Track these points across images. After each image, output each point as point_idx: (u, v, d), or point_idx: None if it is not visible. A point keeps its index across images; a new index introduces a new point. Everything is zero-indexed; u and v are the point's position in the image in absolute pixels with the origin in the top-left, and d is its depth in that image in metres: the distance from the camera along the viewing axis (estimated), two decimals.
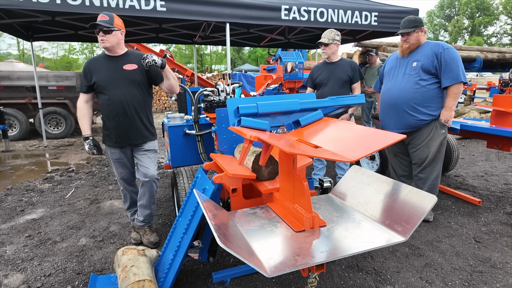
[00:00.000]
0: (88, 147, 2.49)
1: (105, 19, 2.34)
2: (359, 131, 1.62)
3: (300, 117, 1.97)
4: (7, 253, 2.61)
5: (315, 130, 1.86)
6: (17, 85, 7.32)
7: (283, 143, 1.53)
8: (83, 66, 2.47)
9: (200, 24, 6.59)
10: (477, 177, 4.31)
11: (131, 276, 1.79)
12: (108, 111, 2.46)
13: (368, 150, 1.35)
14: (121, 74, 2.44)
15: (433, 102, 2.74)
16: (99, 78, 2.42)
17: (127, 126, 2.49)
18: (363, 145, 1.43)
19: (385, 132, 1.52)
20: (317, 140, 1.63)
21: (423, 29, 2.77)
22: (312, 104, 2.05)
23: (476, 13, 45.82)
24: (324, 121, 1.95)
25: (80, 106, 2.50)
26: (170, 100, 6.63)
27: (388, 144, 1.39)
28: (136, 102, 2.49)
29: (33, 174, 4.88)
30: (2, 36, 30.28)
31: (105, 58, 2.47)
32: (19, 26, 5.97)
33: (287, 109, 2.00)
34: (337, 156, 1.32)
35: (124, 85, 2.44)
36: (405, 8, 5.64)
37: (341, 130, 1.73)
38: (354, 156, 1.29)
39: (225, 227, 1.51)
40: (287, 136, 1.83)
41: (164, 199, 3.72)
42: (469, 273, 2.27)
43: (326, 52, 3.46)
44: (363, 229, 1.58)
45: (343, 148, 1.42)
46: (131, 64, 2.47)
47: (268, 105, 1.95)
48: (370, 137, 1.51)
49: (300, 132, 1.90)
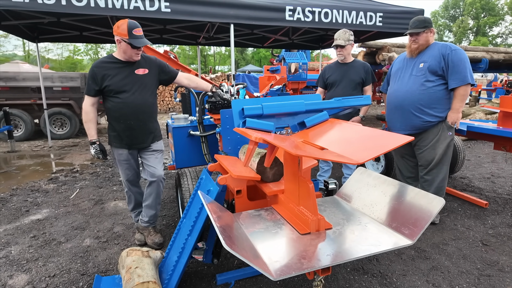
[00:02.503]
0: (94, 152, 2.49)
1: (142, 33, 2.37)
2: (366, 133, 1.60)
3: (305, 119, 1.95)
4: (12, 253, 2.62)
5: (321, 132, 1.84)
6: (22, 86, 7.38)
7: (288, 144, 1.52)
8: (90, 69, 2.45)
9: (204, 25, 6.60)
10: (484, 179, 4.26)
11: (135, 277, 1.78)
12: (119, 114, 2.46)
13: (375, 152, 1.33)
14: (133, 79, 2.45)
15: (439, 104, 2.71)
16: (111, 83, 2.40)
17: (138, 129, 2.51)
18: (370, 147, 1.41)
19: (392, 134, 1.50)
20: (322, 142, 1.62)
21: (432, 30, 2.74)
22: (317, 106, 2.04)
23: (481, 14, 45.51)
24: (330, 122, 1.94)
25: (87, 109, 2.47)
26: (174, 101, 6.63)
27: (395, 147, 1.36)
28: (147, 106, 2.52)
29: (38, 174, 4.90)
30: (8, 37, 30.57)
31: (116, 62, 2.44)
32: (25, 28, 6.02)
33: (293, 110, 1.98)
34: (343, 158, 1.30)
35: (136, 90, 2.46)
36: (410, 9, 5.61)
37: (347, 132, 1.71)
38: (361, 158, 1.27)
39: (230, 229, 1.50)
40: (292, 138, 1.81)
41: (168, 200, 3.72)
42: (476, 276, 2.24)
43: (342, 54, 3.38)
44: (370, 232, 1.56)
45: (349, 150, 1.40)
46: (142, 69, 2.50)
47: (273, 106, 1.94)
48: (377, 139, 1.49)
49: (305, 133, 1.88)
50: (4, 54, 32.54)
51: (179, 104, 14.00)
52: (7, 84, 7.29)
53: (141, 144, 2.57)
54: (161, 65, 2.61)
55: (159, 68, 2.59)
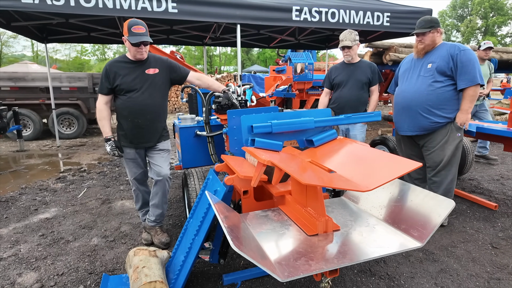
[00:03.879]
0: (110, 148, 2.50)
1: (143, 31, 2.38)
2: (375, 156, 1.61)
3: (314, 137, 1.99)
4: (21, 252, 2.65)
5: (329, 151, 1.87)
6: (31, 86, 7.48)
7: (296, 169, 1.54)
8: (104, 68, 2.49)
9: (211, 26, 6.62)
10: (493, 181, 4.20)
11: (142, 277, 1.79)
12: (128, 112, 2.49)
13: (383, 178, 1.33)
14: (144, 78, 2.49)
15: (448, 105, 2.68)
16: (122, 81, 2.44)
17: (146, 128, 2.54)
18: (378, 172, 1.42)
19: (401, 159, 1.50)
20: (331, 163, 1.64)
21: (439, 30, 2.71)
22: (327, 123, 2.07)
23: (489, 13, 44.90)
24: (339, 141, 1.96)
25: (100, 107, 2.51)
26: (181, 101, 6.66)
27: (404, 173, 1.37)
28: (156, 106, 2.55)
29: (46, 173, 4.96)
30: (17, 38, 31.03)
31: (128, 62, 2.49)
32: (34, 28, 6.09)
33: (302, 128, 2.02)
34: (351, 185, 1.31)
35: (146, 89, 2.49)
36: (418, 9, 5.55)
37: (355, 153, 1.72)
38: (369, 185, 1.28)
39: (238, 230, 1.49)
40: (300, 157, 1.82)
41: (175, 199, 3.74)
42: (486, 280, 2.20)
43: (349, 54, 3.37)
44: (378, 234, 1.55)
45: (357, 174, 1.41)
46: (153, 69, 2.53)
47: (282, 124, 1.98)
48: (386, 164, 1.50)
49: (313, 152, 1.91)
50: (13, 55, 33.02)
51: (185, 104, 14.06)
52: (17, 84, 7.39)
53: (147, 143, 2.60)
54: (172, 65, 2.64)
55: (170, 68, 2.62)
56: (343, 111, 3.46)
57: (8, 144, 7.31)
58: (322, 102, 3.69)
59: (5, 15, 4.93)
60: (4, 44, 30.80)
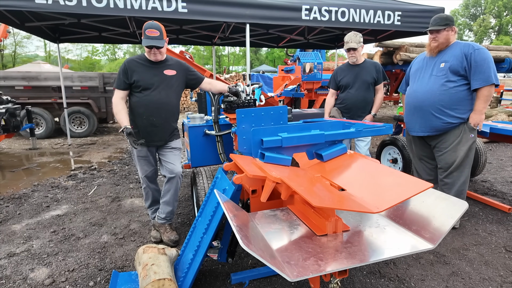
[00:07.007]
0: (129, 139, 2.43)
1: (157, 35, 2.44)
2: (385, 174, 1.61)
3: (323, 151, 2.01)
4: (34, 247, 2.70)
5: (339, 167, 1.88)
6: (44, 85, 7.62)
7: (306, 187, 1.53)
8: (122, 64, 2.55)
9: (220, 25, 6.63)
10: (506, 183, 4.11)
11: (151, 274, 1.80)
12: (143, 110, 2.54)
13: (394, 200, 1.33)
14: (161, 78, 2.56)
15: (461, 105, 2.63)
16: (139, 78, 2.51)
17: (160, 126, 2.59)
18: (389, 192, 1.41)
19: (412, 178, 1.49)
20: (340, 180, 1.63)
21: (454, 29, 2.66)
22: (337, 137, 2.07)
23: (503, 12, 43.94)
24: (349, 157, 1.97)
25: (116, 101, 2.54)
26: (190, 101, 6.71)
27: (415, 194, 1.36)
28: (171, 105, 2.62)
29: (58, 171, 5.04)
30: (30, 38, 31.66)
31: (147, 61, 2.56)
32: (47, 29, 6.20)
33: (312, 142, 2.04)
34: (362, 207, 1.31)
35: (163, 89, 2.56)
36: (430, 7, 5.46)
37: (365, 171, 1.72)
38: (381, 206, 1.29)
39: (246, 229, 1.49)
40: (310, 172, 1.82)
41: (183, 198, 3.76)
42: (499, 283, 2.16)
43: (355, 56, 3.45)
44: (388, 235, 1.53)
45: (367, 194, 1.41)
46: (171, 70, 2.61)
47: (292, 138, 2.00)
48: (397, 183, 1.49)
49: (322, 167, 1.91)
50: (27, 55, 33.72)
51: (194, 103, 14.14)
52: (30, 84, 7.54)
53: (160, 141, 2.65)
54: (189, 69, 2.75)
55: (186, 72, 2.72)
56: (351, 111, 3.51)
57: (21, 142, 7.46)
58: (329, 103, 3.75)
59: (19, 15, 5.03)
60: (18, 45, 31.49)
